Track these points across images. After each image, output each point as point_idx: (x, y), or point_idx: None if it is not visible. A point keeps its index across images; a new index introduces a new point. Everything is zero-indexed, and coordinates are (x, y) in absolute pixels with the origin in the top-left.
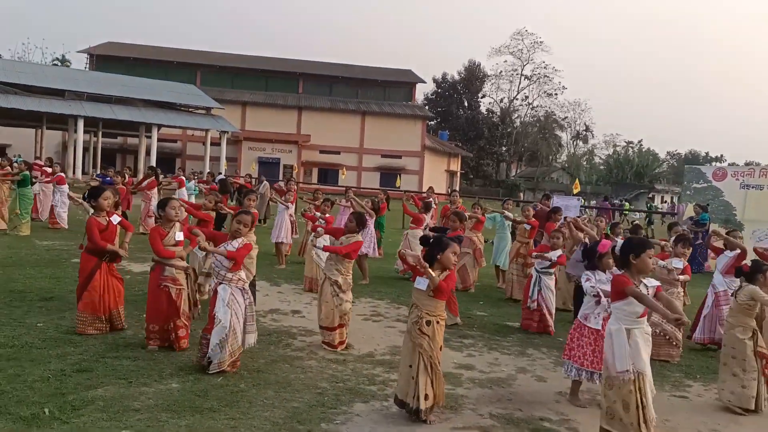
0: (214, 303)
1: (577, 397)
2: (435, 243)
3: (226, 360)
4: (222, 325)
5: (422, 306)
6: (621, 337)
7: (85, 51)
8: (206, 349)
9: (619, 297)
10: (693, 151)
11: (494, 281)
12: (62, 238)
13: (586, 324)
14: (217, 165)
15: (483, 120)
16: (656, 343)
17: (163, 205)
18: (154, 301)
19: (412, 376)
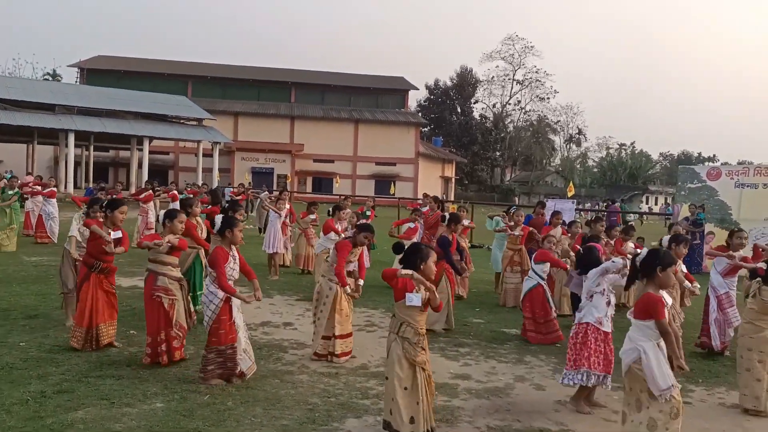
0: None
1: (581, 402)
2: (414, 252)
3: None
4: (242, 330)
5: (415, 323)
6: (658, 353)
7: (75, 65)
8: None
9: (648, 317)
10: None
11: (490, 287)
12: (50, 253)
13: (601, 328)
14: (210, 176)
15: (476, 125)
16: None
17: (172, 216)
18: (148, 312)
19: (417, 401)
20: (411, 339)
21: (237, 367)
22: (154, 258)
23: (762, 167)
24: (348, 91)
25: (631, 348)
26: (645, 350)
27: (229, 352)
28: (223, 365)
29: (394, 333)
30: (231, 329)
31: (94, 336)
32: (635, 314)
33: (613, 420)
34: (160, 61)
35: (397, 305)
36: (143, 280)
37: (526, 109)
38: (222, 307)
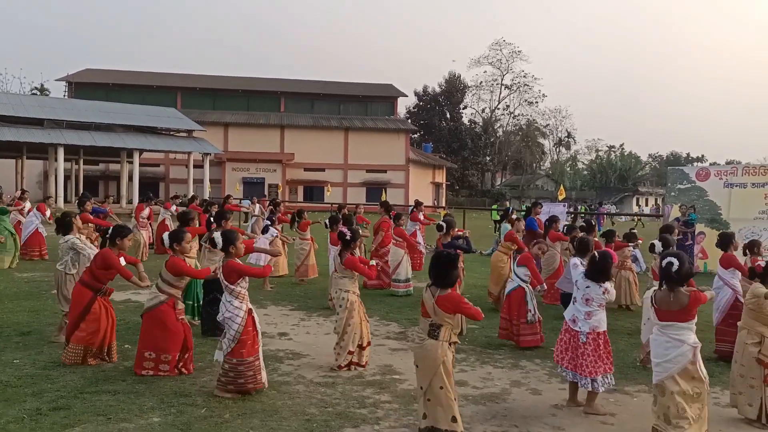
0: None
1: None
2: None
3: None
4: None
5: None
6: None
7: (63, 79)
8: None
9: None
10: (674, 152)
11: (483, 291)
12: (42, 269)
13: (574, 327)
14: (201, 187)
15: (466, 131)
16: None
17: (179, 239)
18: (175, 335)
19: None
20: (457, 341)
21: (258, 375)
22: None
23: (750, 167)
24: (337, 100)
25: (688, 349)
26: (697, 345)
27: (256, 363)
28: (241, 375)
29: (446, 341)
30: (256, 340)
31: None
32: (683, 318)
33: (609, 423)
34: (149, 73)
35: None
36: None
37: (515, 114)
38: (246, 320)
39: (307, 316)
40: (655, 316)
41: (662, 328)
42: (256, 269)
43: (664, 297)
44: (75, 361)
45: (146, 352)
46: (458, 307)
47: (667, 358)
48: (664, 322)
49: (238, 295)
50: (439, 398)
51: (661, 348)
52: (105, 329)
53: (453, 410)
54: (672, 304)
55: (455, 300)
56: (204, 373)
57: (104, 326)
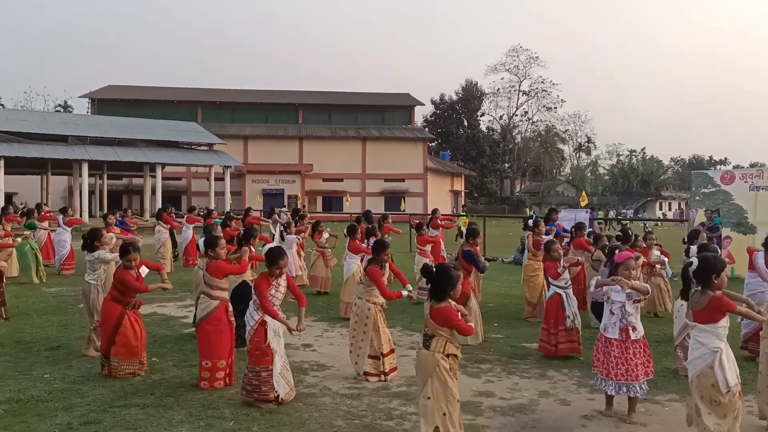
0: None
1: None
2: (443, 276)
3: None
4: (279, 354)
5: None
6: (730, 352)
7: (86, 95)
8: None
9: (716, 319)
10: (696, 155)
11: (506, 300)
12: (69, 284)
13: (604, 334)
14: (222, 200)
15: (484, 138)
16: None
17: (214, 245)
18: (228, 339)
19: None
20: (457, 354)
21: (272, 391)
22: (220, 285)
23: None
24: (354, 110)
25: (707, 352)
26: (719, 349)
27: (264, 375)
28: (257, 388)
29: (440, 353)
30: (266, 352)
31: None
32: (703, 320)
33: None
34: (169, 88)
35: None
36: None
37: (534, 120)
38: (257, 329)
39: (330, 327)
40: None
41: (692, 329)
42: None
43: (694, 297)
44: (126, 374)
45: (204, 361)
46: (448, 321)
47: (690, 359)
48: (692, 323)
49: (258, 307)
50: (425, 408)
51: (690, 348)
52: (138, 341)
53: (436, 421)
54: (696, 304)
55: (446, 313)
56: (231, 386)
57: (136, 338)
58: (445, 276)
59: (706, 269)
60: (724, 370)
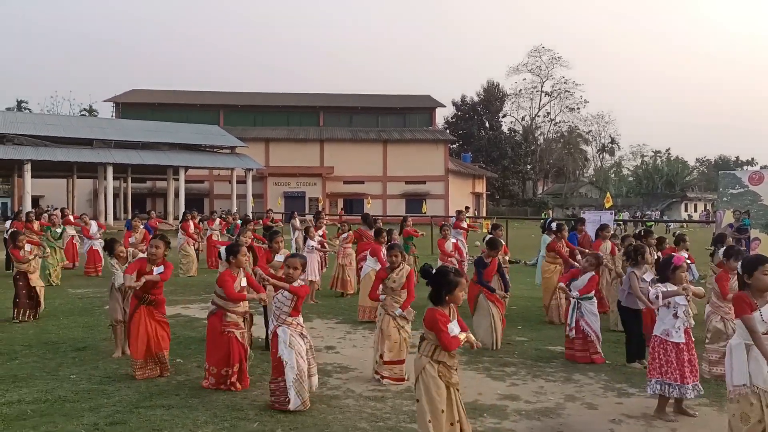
0: (276, 346)
1: (664, 411)
2: (442, 280)
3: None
4: (290, 366)
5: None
6: (740, 351)
7: (110, 100)
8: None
9: (737, 315)
10: (723, 156)
11: (530, 303)
12: (95, 285)
13: (669, 339)
14: (244, 203)
15: (505, 139)
16: (710, 361)
17: (235, 252)
18: (217, 347)
19: (453, 422)
20: (447, 362)
21: (287, 404)
22: (220, 294)
23: None
24: (375, 112)
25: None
26: (731, 347)
27: (282, 385)
28: (278, 398)
29: (426, 356)
30: (279, 363)
31: (157, 362)
32: (735, 315)
33: None
34: (192, 92)
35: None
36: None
37: (556, 121)
38: (272, 340)
39: (353, 329)
40: None
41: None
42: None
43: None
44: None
45: (206, 364)
46: (433, 326)
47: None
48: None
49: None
50: (417, 410)
51: None
52: (148, 339)
53: (424, 426)
54: None
55: (432, 319)
56: (255, 387)
57: (145, 336)
58: (442, 279)
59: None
60: (732, 367)
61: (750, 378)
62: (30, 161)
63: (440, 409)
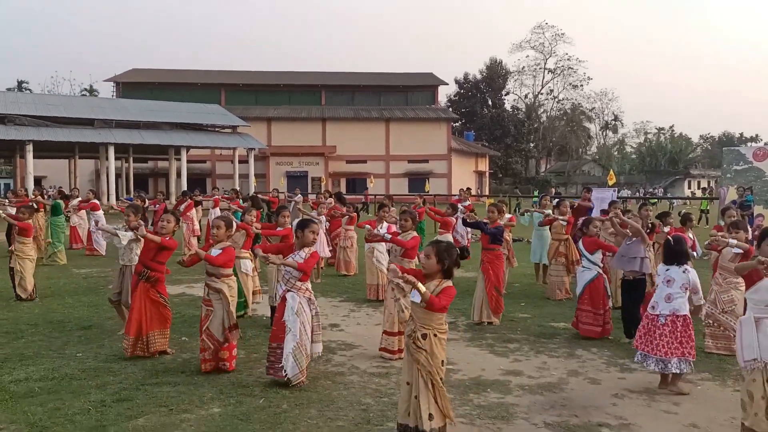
0: (282, 310)
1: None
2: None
3: (301, 374)
4: (293, 334)
5: (417, 319)
6: (749, 326)
7: (111, 79)
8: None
9: (748, 286)
10: (727, 132)
11: (533, 280)
12: (99, 265)
13: (652, 312)
14: (246, 182)
15: (508, 117)
16: (713, 335)
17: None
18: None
19: (415, 395)
20: (407, 333)
21: (282, 369)
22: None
23: None
24: (377, 90)
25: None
26: (740, 322)
27: (278, 352)
28: (273, 365)
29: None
30: (281, 328)
31: (145, 344)
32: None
33: (673, 412)
34: (193, 71)
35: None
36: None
37: (559, 98)
38: (279, 304)
39: (357, 307)
40: None
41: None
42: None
43: None
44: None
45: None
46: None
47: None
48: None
49: (282, 278)
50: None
51: None
52: (140, 317)
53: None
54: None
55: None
56: (260, 364)
57: (139, 314)
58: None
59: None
60: (741, 343)
61: (760, 352)
62: (32, 141)
63: (405, 381)
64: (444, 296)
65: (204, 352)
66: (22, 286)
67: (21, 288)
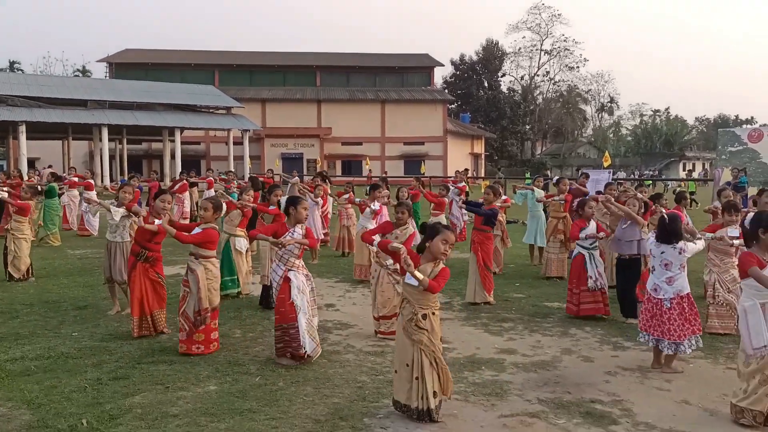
0: (287, 291)
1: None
2: (429, 230)
3: (318, 347)
4: (303, 311)
5: (414, 300)
6: (756, 312)
7: (104, 60)
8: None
9: (745, 275)
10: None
11: (527, 261)
12: (94, 246)
13: (655, 296)
14: (241, 164)
15: (504, 99)
16: (719, 315)
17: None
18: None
19: (416, 376)
20: (406, 316)
21: (301, 348)
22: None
23: None
24: (373, 72)
25: (740, 309)
26: (744, 309)
27: (292, 332)
28: (288, 344)
29: (400, 310)
30: (290, 309)
31: (150, 324)
32: (740, 276)
33: (665, 389)
34: (187, 51)
35: (403, 282)
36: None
37: (556, 80)
38: (281, 285)
39: (353, 287)
40: None
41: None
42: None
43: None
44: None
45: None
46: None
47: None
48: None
49: (280, 258)
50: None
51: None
52: (141, 298)
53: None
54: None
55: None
56: (256, 343)
57: (139, 294)
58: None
59: (756, 221)
60: (749, 330)
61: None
62: (24, 122)
63: (405, 362)
64: (440, 278)
65: (181, 332)
66: (15, 266)
67: (14, 267)
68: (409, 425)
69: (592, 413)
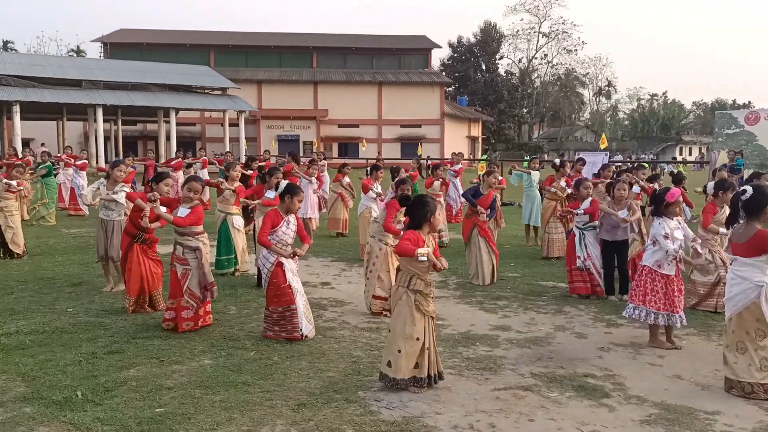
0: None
1: (657, 339)
2: (421, 206)
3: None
4: (300, 293)
5: (420, 272)
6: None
7: (98, 40)
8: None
9: (759, 253)
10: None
11: (523, 241)
12: (88, 225)
13: (660, 271)
14: (237, 146)
15: (502, 82)
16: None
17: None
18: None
19: (427, 346)
20: (423, 290)
21: (297, 330)
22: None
23: None
24: (370, 53)
25: (750, 287)
26: (765, 284)
27: (288, 315)
28: (284, 327)
29: (403, 287)
30: (285, 292)
31: (148, 302)
32: (746, 253)
33: (658, 364)
34: (181, 31)
35: (403, 260)
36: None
37: (553, 63)
38: (274, 270)
39: (348, 266)
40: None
41: (732, 263)
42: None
43: (736, 229)
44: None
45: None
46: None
47: (729, 296)
48: (732, 256)
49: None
50: (386, 340)
51: (728, 285)
52: (142, 277)
53: (390, 355)
54: (740, 236)
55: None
56: (251, 320)
57: (139, 274)
58: (421, 203)
59: (759, 199)
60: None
61: None
62: (18, 102)
63: (415, 337)
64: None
65: (183, 311)
66: (15, 242)
67: (14, 244)
68: (402, 397)
69: (584, 387)
